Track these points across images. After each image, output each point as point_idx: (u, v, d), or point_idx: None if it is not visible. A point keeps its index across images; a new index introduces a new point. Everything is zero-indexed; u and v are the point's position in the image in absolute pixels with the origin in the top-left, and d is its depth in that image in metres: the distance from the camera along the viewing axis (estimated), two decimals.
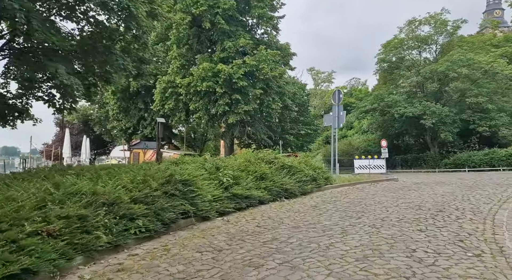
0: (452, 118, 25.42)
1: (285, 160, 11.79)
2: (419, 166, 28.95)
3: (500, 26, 46.71)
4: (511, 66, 24.83)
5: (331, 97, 14.73)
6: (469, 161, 24.45)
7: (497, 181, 14.07)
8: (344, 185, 13.29)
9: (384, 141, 25.18)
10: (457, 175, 20.07)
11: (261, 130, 25.79)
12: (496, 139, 27.26)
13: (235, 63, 22.98)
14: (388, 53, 29.50)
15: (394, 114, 25.89)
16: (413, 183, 14.11)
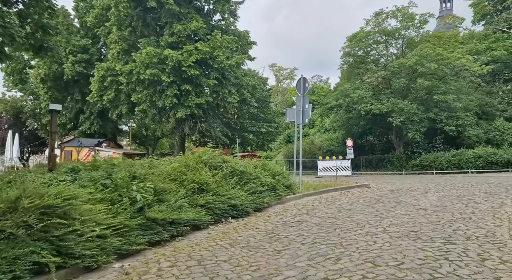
0: (420, 117, 24.27)
1: (236, 165, 9.22)
2: (384, 168, 27.71)
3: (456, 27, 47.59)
4: (479, 63, 24.08)
5: (296, 86, 12.35)
6: (436, 162, 23.39)
7: (480, 188, 12.48)
8: (310, 194, 10.98)
9: (350, 141, 23.48)
10: (428, 178, 18.67)
11: (217, 126, 23.04)
12: (460, 139, 26.62)
13: (186, 49, 20.10)
14: (354, 47, 27.93)
15: (361, 111, 24.27)
16: (389, 191, 12.13)
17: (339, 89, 28.54)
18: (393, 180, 17.70)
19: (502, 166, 21.85)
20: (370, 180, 17.74)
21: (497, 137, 26.31)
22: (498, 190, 11.52)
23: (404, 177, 20.19)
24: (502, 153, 22.18)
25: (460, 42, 27.71)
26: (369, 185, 14.02)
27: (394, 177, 20.54)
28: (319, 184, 13.57)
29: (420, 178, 19.19)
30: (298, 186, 11.70)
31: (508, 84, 28.94)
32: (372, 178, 19.66)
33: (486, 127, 26.64)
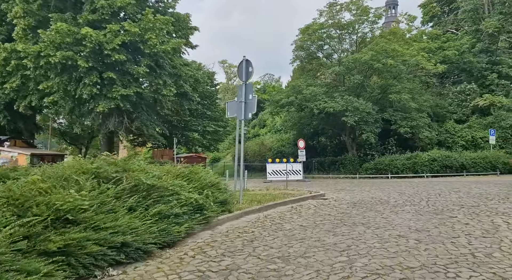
0: (374, 117, 22.98)
1: (145, 175, 6.43)
2: (337, 171, 26.21)
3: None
4: (433, 61, 23.36)
5: (237, 72, 9.77)
6: (391, 166, 22.21)
7: (450, 198, 10.82)
8: (252, 212, 8.46)
9: (302, 142, 21.51)
10: (385, 183, 17.12)
11: (151, 123, 19.79)
12: (412, 141, 25.90)
13: (110, 29, 16.69)
14: (307, 40, 26.10)
15: (314, 110, 22.41)
16: (349, 204, 9.98)
17: (291, 84, 26.51)
18: (349, 186, 15.83)
19: (456, 170, 21.16)
20: (325, 187, 15.73)
21: (448, 140, 25.94)
22: (474, 202, 9.85)
23: (359, 183, 18.54)
24: (456, 156, 21.51)
25: (414, 40, 27.07)
26: (325, 195, 11.86)
27: (349, 182, 18.83)
28: (265, 195, 11.12)
29: (377, 183, 17.62)
30: (238, 201, 9.13)
31: (458, 85, 28.91)
32: (326, 184, 17.75)
33: (437, 129, 26.18)
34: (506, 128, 24.82)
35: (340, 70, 23.28)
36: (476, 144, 25.16)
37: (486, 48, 28.58)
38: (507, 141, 24.83)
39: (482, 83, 28.40)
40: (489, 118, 26.03)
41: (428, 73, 25.10)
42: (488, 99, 26.27)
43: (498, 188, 13.48)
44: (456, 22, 34.27)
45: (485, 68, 28.38)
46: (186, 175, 7.92)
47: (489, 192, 12.08)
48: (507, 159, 21.50)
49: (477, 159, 21.28)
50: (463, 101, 28.26)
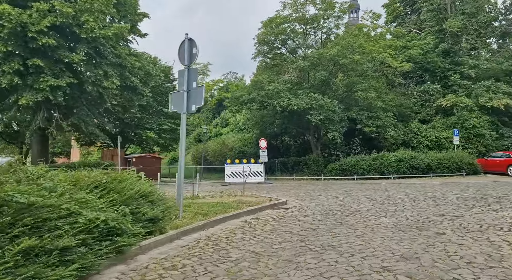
0: (340, 116, 21.82)
1: (29, 189, 4.41)
2: (301, 171, 24.85)
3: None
4: (400, 59, 22.62)
5: (178, 54, 7.82)
6: (357, 166, 21.12)
7: (427, 206, 9.57)
8: (192, 231, 6.60)
9: (264, 141, 19.92)
10: (352, 186, 15.84)
11: (91, 119, 17.30)
12: (377, 141, 25.15)
13: (37, 8, 14.08)
14: (270, 34, 24.53)
15: (276, 107, 20.85)
16: (315, 215, 8.37)
17: (253, 80, 24.83)
18: (314, 190, 14.35)
19: (422, 171, 20.46)
20: (287, 191, 14.13)
21: (413, 140, 25.42)
22: (454, 210, 8.61)
23: (325, 185, 17.17)
24: (422, 157, 20.83)
25: (379, 38, 26.34)
26: (287, 203, 10.21)
27: (314, 185, 17.42)
28: (216, 204, 9.27)
29: (343, 186, 16.32)
30: (177, 216, 7.23)
31: (422, 85, 28.62)
32: (289, 187, 16.19)
33: (402, 129, 25.59)
34: (469, 129, 24.65)
35: (304, 66, 21.91)
36: (440, 144, 24.80)
37: (449, 49, 28.52)
38: (469, 141, 24.67)
39: (445, 84, 28.29)
40: (452, 119, 25.82)
41: (394, 72, 24.39)
42: (451, 100, 26.08)
43: (471, 191, 12.55)
44: (419, 22, 34.25)
45: (448, 68, 28.30)
46: (103, 185, 5.93)
47: (465, 197, 11.01)
48: (472, 160, 21.13)
49: (443, 159, 20.73)
50: (427, 101, 27.99)
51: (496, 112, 26.03)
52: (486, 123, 25.08)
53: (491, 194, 11.60)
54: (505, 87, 26.47)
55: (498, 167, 20.36)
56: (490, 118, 25.62)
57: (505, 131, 25.79)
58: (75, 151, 55.76)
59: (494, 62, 29.37)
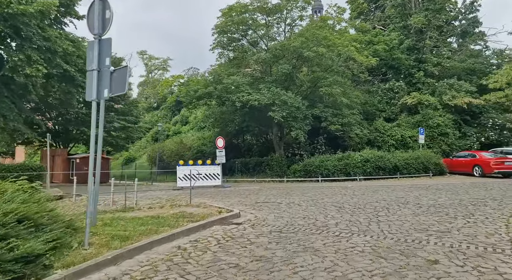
0: (304, 113, 20.42)
1: None
2: (263, 173, 23.25)
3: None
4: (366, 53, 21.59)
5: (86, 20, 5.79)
6: (322, 167, 19.80)
7: (405, 215, 8.20)
8: (94, 269, 4.64)
9: (221, 140, 18.11)
10: (317, 189, 14.40)
11: (15, 114, 14.61)
12: (342, 140, 24.09)
13: None
14: (230, 24, 22.65)
15: (236, 103, 19.05)
16: (273, 233, 6.68)
17: (210, 73, 22.78)
18: (275, 196, 12.71)
19: (389, 172, 19.50)
20: (245, 197, 12.39)
21: (378, 139, 24.64)
22: (437, 222, 7.26)
23: (287, 189, 15.63)
24: (389, 157, 19.88)
25: (344, 32, 25.28)
26: (240, 215, 8.45)
27: (275, 189, 15.82)
28: (147, 221, 7.33)
29: (307, 189, 14.85)
30: (84, 241, 5.24)
31: (387, 83, 28.00)
32: (248, 192, 14.46)
33: (367, 127, 24.72)
34: (433, 127, 24.22)
35: (266, 58, 20.26)
36: (405, 143, 24.18)
37: (413, 45, 28.09)
38: (434, 140, 24.24)
39: (410, 81, 27.85)
40: (417, 117, 25.33)
41: (360, 67, 23.39)
42: (415, 97, 25.59)
43: (445, 195, 11.45)
44: (383, 19, 33.82)
45: (412, 65, 27.88)
46: None
47: (441, 203, 9.81)
48: (438, 160, 20.51)
49: (410, 160, 19.92)
50: (392, 99, 27.39)
51: (459, 111, 25.89)
52: (449, 122, 24.80)
53: (467, 199, 10.52)
54: (467, 85, 26.40)
55: (464, 167, 19.86)
56: (453, 117, 25.40)
57: (467, 130, 25.69)
58: (19, 151, 50.89)
59: (456, 60, 29.40)
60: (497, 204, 9.64)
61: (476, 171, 19.02)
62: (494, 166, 18.11)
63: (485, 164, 18.53)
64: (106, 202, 11.64)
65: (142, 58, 65.68)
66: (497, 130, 25.88)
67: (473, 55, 31.32)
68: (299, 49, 19.39)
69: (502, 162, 18.18)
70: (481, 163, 18.81)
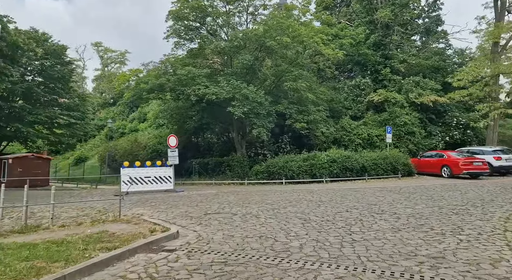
0: (267, 109, 18.81)
1: None
2: (223, 174, 21.42)
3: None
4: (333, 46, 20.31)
5: None
6: (286, 168, 18.29)
7: (383, 231, 6.74)
8: None
9: (173, 138, 16.15)
10: (279, 193, 12.80)
11: None
12: (307, 139, 22.77)
13: None
14: (186, 11, 20.54)
15: (191, 96, 17.07)
16: (212, 260, 4.93)
17: (163, 63, 20.49)
18: (231, 203, 10.94)
19: (357, 173, 18.33)
20: (195, 206, 10.53)
21: (345, 138, 23.53)
22: (425, 243, 5.80)
23: (247, 193, 13.93)
24: (357, 157, 18.70)
25: (310, 24, 23.94)
26: (177, 235, 6.58)
27: (234, 193, 14.08)
28: (37, 253, 5.29)
29: (269, 194, 13.23)
30: None
31: (353, 79, 27.06)
32: (202, 197, 12.60)
33: (333, 126, 23.57)
34: (400, 126, 23.48)
35: (225, 47, 18.36)
36: (372, 142, 23.25)
37: (379, 41, 27.32)
38: (401, 139, 23.51)
39: (376, 78, 27.08)
40: (383, 115, 24.51)
41: (327, 61, 22.14)
42: (382, 95, 24.78)
43: (422, 202, 10.21)
44: (348, 14, 33.01)
45: (379, 62, 27.11)
46: None
47: (420, 213, 8.49)
48: (406, 160, 19.61)
49: (378, 160, 18.86)
50: (358, 96, 26.47)
51: (424, 109, 25.40)
52: (416, 121, 24.19)
53: (446, 207, 9.32)
54: (432, 83, 25.99)
55: (432, 168, 19.10)
56: (420, 115, 24.86)
57: (433, 129, 25.26)
58: None
59: (421, 58, 29.06)
60: (481, 212, 8.47)
61: (444, 171, 18.28)
62: (463, 166, 17.40)
63: (454, 164, 17.81)
64: (19, 215, 9.40)
65: (97, 50, 61.43)
66: (461, 129, 25.69)
67: (437, 53, 31.19)
68: (261, 38, 17.73)
69: (471, 162, 17.53)
70: (450, 163, 18.08)
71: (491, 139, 24.55)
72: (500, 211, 8.54)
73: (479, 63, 24.21)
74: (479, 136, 26.71)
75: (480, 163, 17.54)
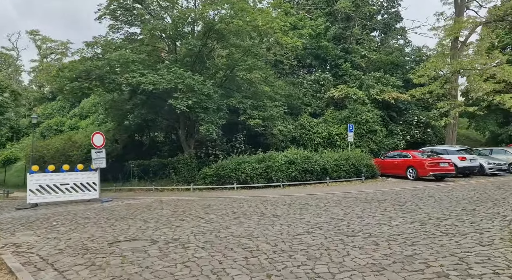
0: (217, 103, 16.41)
1: None
2: (167, 178, 18.75)
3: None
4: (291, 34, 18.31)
5: None
6: (238, 171, 16.01)
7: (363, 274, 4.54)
8: None
9: (99, 136, 13.41)
10: (227, 208, 10.50)
11: None
12: (264, 138, 20.71)
13: None
14: None
15: (122, 86, 14.24)
16: None
17: (89, 45, 17.24)
18: (158, 222, 8.46)
19: (317, 175, 16.46)
20: (110, 225, 7.95)
21: (304, 136, 21.73)
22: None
23: (188, 203, 11.49)
24: (317, 158, 16.82)
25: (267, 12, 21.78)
26: None
27: (172, 203, 11.57)
28: None
29: (214, 205, 10.89)
30: None
31: (312, 74, 25.38)
32: (128, 210, 9.99)
33: (292, 123, 21.69)
34: (362, 124, 22.07)
35: (166, 28, 15.62)
36: (332, 141, 21.64)
37: (340, 34, 25.87)
38: (362, 138, 22.11)
39: (336, 73, 25.61)
40: (344, 112, 23.00)
41: (286, 53, 20.12)
42: (343, 90, 23.29)
43: (396, 213, 8.37)
44: (307, 6, 31.39)
45: (339, 56, 25.65)
46: None
47: (401, 233, 6.57)
48: (369, 161, 18.07)
49: (340, 161, 17.13)
50: (318, 92, 24.82)
51: (386, 107, 24.31)
52: (378, 118, 22.94)
53: (428, 221, 7.53)
54: (393, 79, 24.97)
55: (397, 169, 17.74)
56: (381, 113, 23.68)
57: (394, 128, 24.21)
58: None
59: (382, 53, 28.07)
60: (473, 230, 6.71)
61: (410, 173, 16.96)
62: (429, 168, 16.13)
63: (420, 165, 16.51)
64: None
65: (33, 39, 55.36)
66: (422, 128, 24.93)
67: (397, 49, 30.46)
68: (209, 24, 15.25)
69: (437, 163, 16.30)
70: (415, 164, 16.77)
71: (451, 138, 23.95)
72: (495, 228, 6.85)
73: (439, 59, 23.45)
74: (438, 135, 26.17)
75: (447, 164, 16.37)
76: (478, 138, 34.56)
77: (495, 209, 8.91)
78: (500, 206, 9.34)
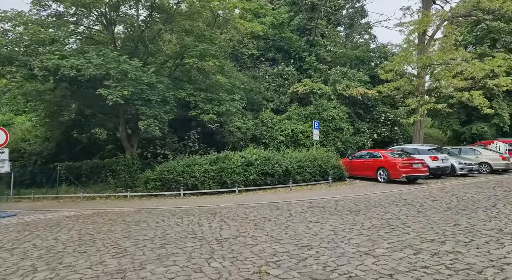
0: (162, 95, 13.83)
1: None
2: (103, 182, 15.89)
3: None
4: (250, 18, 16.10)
5: None
6: (187, 174, 13.52)
7: None
8: None
9: (1, 132, 10.34)
10: (164, 218, 8.09)
11: None
12: (221, 136, 18.39)
13: None
14: None
15: (35, 70, 11.30)
16: None
17: None
18: (49, 252, 5.97)
19: (279, 178, 14.34)
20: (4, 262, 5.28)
21: (265, 134, 19.63)
22: None
23: (111, 217, 8.98)
24: (279, 158, 14.68)
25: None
26: None
27: (95, 217, 9.00)
28: None
29: (147, 219, 8.47)
30: None
31: (275, 67, 23.34)
32: (24, 231, 7.37)
33: (252, 120, 19.51)
34: (328, 121, 20.31)
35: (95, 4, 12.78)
36: (296, 140, 19.70)
37: (304, 25, 24.03)
38: (328, 136, 20.35)
39: (300, 67, 23.76)
40: (309, 108, 21.13)
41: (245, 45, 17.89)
42: (308, 85, 21.44)
43: (380, 237, 6.37)
44: None
45: (303, 48, 23.79)
46: None
47: (396, 271, 4.51)
48: (337, 162, 16.23)
49: (305, 161, 15.13)
50: (281, 87, 22.83)
51: (352, 103, 22.77)
52: (344, 115, 21.28)
53: (421, 247, 5.61)
54: (360, 75, 23.50)
55: (366, 171, 16.03)
56: (347, 110, 22.07)
57: (361, 125, 22.72)
58: None
59: (347, 48, 26.62)
60: (488, 261, 4.82)
61: (380, 175, 15.29)
62: (402, 169, 14.52)
63: (392, 166, 14.87)
64: None
65: None
66: (389, 126, 23.68)
67: (363, 44, 29.20)
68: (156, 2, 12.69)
69: (410, 164, 14.73)
70: (387, 165, 15.12)
71: (418, 136, 22.86)
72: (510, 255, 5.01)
73: (407, 53, 22.25)
74: (405, 134, 25.10)
75: (420, 165, 14.86)
76: (440, 136, 34.29)
77: (493, 223, 7.21)
78: (495, 218, 7.69)
